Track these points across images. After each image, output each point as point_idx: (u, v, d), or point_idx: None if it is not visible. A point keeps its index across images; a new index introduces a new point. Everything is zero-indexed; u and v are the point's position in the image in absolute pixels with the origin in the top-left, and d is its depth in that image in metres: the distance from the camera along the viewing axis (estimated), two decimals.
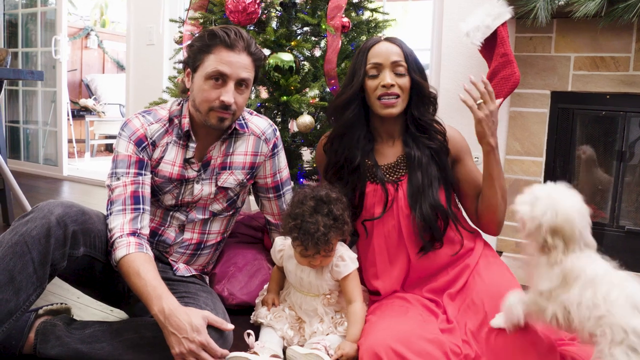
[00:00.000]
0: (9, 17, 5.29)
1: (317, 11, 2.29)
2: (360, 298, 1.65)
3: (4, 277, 1.33)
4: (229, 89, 1.59)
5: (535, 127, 2.79)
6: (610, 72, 2.57)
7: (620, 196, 2.67)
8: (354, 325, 1.59)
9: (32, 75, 3.25)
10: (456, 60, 2.95)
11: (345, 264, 1.64)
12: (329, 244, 1.57)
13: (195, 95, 1.63)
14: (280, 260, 1.76)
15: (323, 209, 1.58)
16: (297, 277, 1.70)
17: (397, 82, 1.66)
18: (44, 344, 1.52)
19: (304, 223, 1.55)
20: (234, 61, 1.59)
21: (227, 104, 1.59)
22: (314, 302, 1.69)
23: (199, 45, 1.61)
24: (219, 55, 1.58)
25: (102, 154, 6.82)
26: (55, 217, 1.41)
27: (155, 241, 1.76)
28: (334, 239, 1.59)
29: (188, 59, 1.66)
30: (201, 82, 1.60)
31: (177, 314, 1.38)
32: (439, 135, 1.73)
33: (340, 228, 1.59)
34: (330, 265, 1.65)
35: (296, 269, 1.69)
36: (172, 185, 1.72)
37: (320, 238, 1.54)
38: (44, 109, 5.26)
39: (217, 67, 1.57)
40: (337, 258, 1.65)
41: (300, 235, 1.56)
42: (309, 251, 1.57)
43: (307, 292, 1.70)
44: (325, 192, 1.61)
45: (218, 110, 1.60)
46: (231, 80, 1.59)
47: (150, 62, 4.18)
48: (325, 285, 1.67)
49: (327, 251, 1.59)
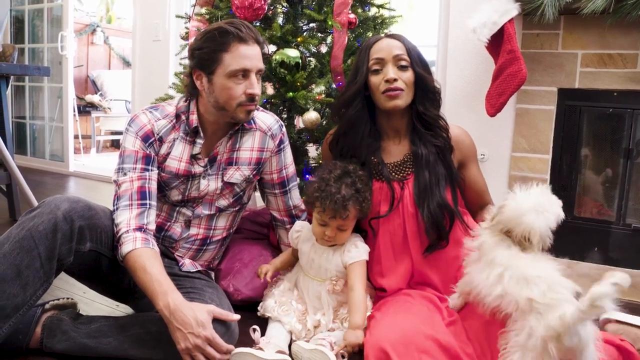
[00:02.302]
0: (15, 13, 5.30)
1: (323, 7, 2.28)
2: (362, 286, 1.65)
3: (12, 272, 1.34)
4: (254, 82, 1.61)
5: (542, 124, 2.77)
6: (618, 69, 2.56)
7: (627, 194, 2.65)
8: (355, 314, 1.59)
9: (38, 71, 3.26)
10: (462, 57, 2.94)
11: (357, 250, 1.68)
12: (346, 210, 1.60)
13: (219, 95, 1.61)
14: (296, 240, 1.80)
15: (347, 179, 1.63)
16: (309, 258, 1.73)
17: (400, 76, 1.66)
18: (51, 338, 1.53)
19: (328, 186, 1.61)
20: (251, 54, 1.60)
21: (256, 95, 1.62)
22: (319, 287, 1.71)
23: (212, 46, 1.59)
24: (237, 52, 1.58)
25: (108, 150, 6.84)
26: (62, 213, 1.42)
27: (162, 236, 1.77)
28: (352, 208, 1.62)
29: (201, 62, 1.62)
30: (224, 80, 1.59)
31: (182, 309, 1.39)
32: (443, 132, 1.73)
33: (360, 202, 1.63)
34: (343, 249, 1.68)
35: (310, 250, 1.73)
36: (178, 181, 1.72)
37: (339, 201, 1.58)
38: (50, 104, 5.27)
39: (240, 63, 1.58)
40: (350, 244, 1.69)
41: (322, 195, 1.61)
42: (326, 214, 1.61)
43: (315, 276, 1.72)
44: (353, 167, 1.68)
45: (246, 104, 1.62)
46: (252, 73, 1.61)
47: (156, 58, 4.18)
48: (334, 269, 1.69)
49: (343, 218, 1.62)
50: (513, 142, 2.86)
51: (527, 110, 2.80)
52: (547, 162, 2.78)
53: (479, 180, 1.83)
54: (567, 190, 2.77)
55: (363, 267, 1.68)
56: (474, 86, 2.92)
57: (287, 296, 1.76)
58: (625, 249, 2.65)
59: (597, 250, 2.69)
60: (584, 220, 2.75)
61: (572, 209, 2.77)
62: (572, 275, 1.36)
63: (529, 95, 2.78)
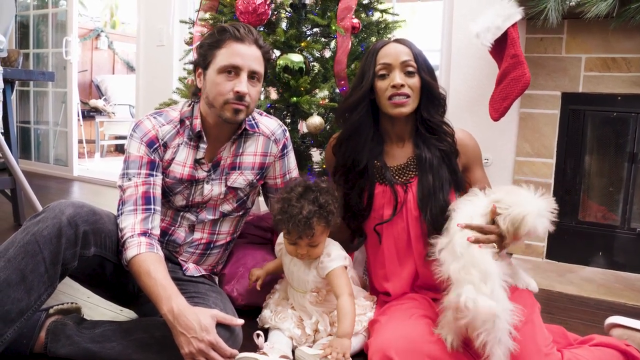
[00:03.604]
0: (20, 19, 5.33)
1: (327, 12, 2.28)
2: (347, 291, 1.62)
3: (16, 277, 1.34)
4: (243, 80, 1.60)
5: (545, 128, 2.77)
6: (622, 73, 2.56)
7: (631, 198, 2.65)
8: (342, 321, 1.58)
9: (43, 76, 3.28)
10: (466, 62, 2.95)
11: (330, 259, 1.65)
12: (311, 229, 1.57)
13: (209, 90, 1.63)
14: (279, 253, 1.80)
15: (310, 195, 1.60)
16: (290, 271, 1.73)
17: (407, 82, 1.65)
18: (55, 343, 1.53)
19: (290, 207, 1.58)
20: (245, 53, 1.60)
21: (242, 93, 1.59)
22: (302, 299, 1.70)
23: (209, 42, 1.62)
24: (230, 49, 1.59)
25: (112, 155, 6.86)
26: (66, 217, 1.42)
27: (165, 241, 1.77)
28: (318, 225, 1.59)
29: (199, 57, 1.67)
30: (214, 76, 1.61)
31: (186, 313, 1.39)
32: (448, 137, 1.72)
33: (325, 216, 1.60)
34: (317, 262, 1.66)
35: (290, 263, 1.72)
36: (182, 186, 1.72)
37: (301, 221, 1.55)
38: (55, 109, 5.30)
39: (230, 59, 1.59)
40: (324, 255, 1.66)
41: (285, 218, 1.58)
42: (292, 235, 1.59)
43: (297, 288, 1.72)
44: (315, 181, 1.66)
45: (233, 102, 1.61)
46: (244, 72, 1.60)
47: (160, 63, 4.20)
48: (312, 282, 1.68)
49: (310, 237, 1.59)
50: (517, 147, 2.86)
51: (530, 115, 2.80)
52: (551, 166, 2.78)
53: (484, 184, 1.80)
54: (571, 194, 2.76)
55: (342, 273, 1.65)
56: (478, 91, 2.92)
57: (282, 305, 1.76)
58: (630, 254, 2.64)
59: (601, 254, 2.69)
60: (589, 224, 2.75)
61: (577, 214, 2.76)
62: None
63: (533, 99, 2.78)
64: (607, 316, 1.70)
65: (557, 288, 2.40)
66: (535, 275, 2.54)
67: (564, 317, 2.06)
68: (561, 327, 1.64)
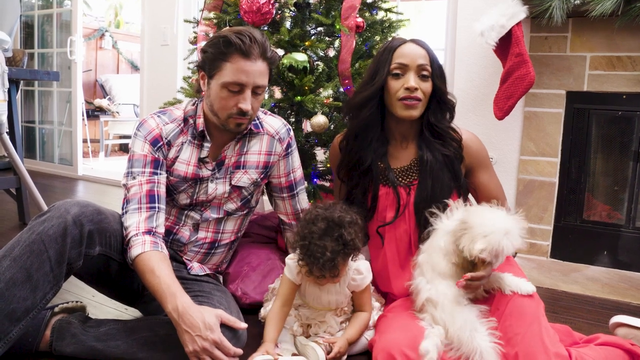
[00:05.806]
0: (25, 19, 5.35)
1: (331, 11, 2.28)
2: (370, 309, 1.67)
3: (22, 275, 1.35)
4: (247, 97, 1.59)
5: (550, 127, 2.77)
6: (627, 71, 2.55)
7: (636, 197, 2.64)
8: (355, 327, 1.61)
9: (47, 76, 3.29)
10: (470, 60, 2.94)
11: (362, 277, 1.63)
12: (335, 269, 1.48)
13: (213, 100, 1.63)
14: (298, 277, 1.62)
15: (333, 233, 1.48)
16: (315, 295, 1.64)
17: (420, 86, 1.63)
18: (60, 341, 1.54)
19: (312, 245, 1.47)
20: (251, 70, 1.58)
21: (245, 110, 1.60)
22: (325, 315, 1.67)
23: (214, 52, 1.59)
24: (236, 65, 1.56)
25: (117, 154, 6.88)
26: (71, 217, 1.43)
27: (170, 240, 1.77)
28: (342, 264, 1.50)
29: (203, 64, 1.65)
30: (218, 89, 1.60)
31: (191, 312, 1.39)
32: (454, 142, 1.70)
33: (349, 253, 1.52)
34: (347, 279, 1.62)
35: (314, 287, 1.62)
36: (186, 184, 1.72)
37: (325, 264, 1.45)
38: (59, 109, 5.31)
39: (235, 78, 1.57)
40: (353, 271, 1.62)
41: (306, 257, 1.48)
42: (315, 273, 1.51)
43: (316, 307, 1.67)
44: (339, 215, 1.50)
45: (236, 116, 1.62)
46: (248, 88, 1.59)
47: (164, 62, 4.21)
48: (344, 299, 1.66)
49: (334, 276, 1.51)
50: (521, 146, 2.85)
51: (535, 114, 2.80)
52: (556, 165, 2.77)
53: (491, 187, 1.76)
54: (576, 193, 2.75)
55: (370, 288, 1.68)
56: (482, 89, 2.91)
57: None
58: (635, 253, 2.63)
59: (606, 253, 2.68)
60: (593, 223, 2.74)
61: (581, 213, 2.76)
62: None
63: (537, 98, 2.77)
64: (612, 315, 1.70)
65: (562, 287, 2.40)
66: (540, 275, 2.54)
67: (569, 317, 2.06)
68: (566, 326, 1.64)
